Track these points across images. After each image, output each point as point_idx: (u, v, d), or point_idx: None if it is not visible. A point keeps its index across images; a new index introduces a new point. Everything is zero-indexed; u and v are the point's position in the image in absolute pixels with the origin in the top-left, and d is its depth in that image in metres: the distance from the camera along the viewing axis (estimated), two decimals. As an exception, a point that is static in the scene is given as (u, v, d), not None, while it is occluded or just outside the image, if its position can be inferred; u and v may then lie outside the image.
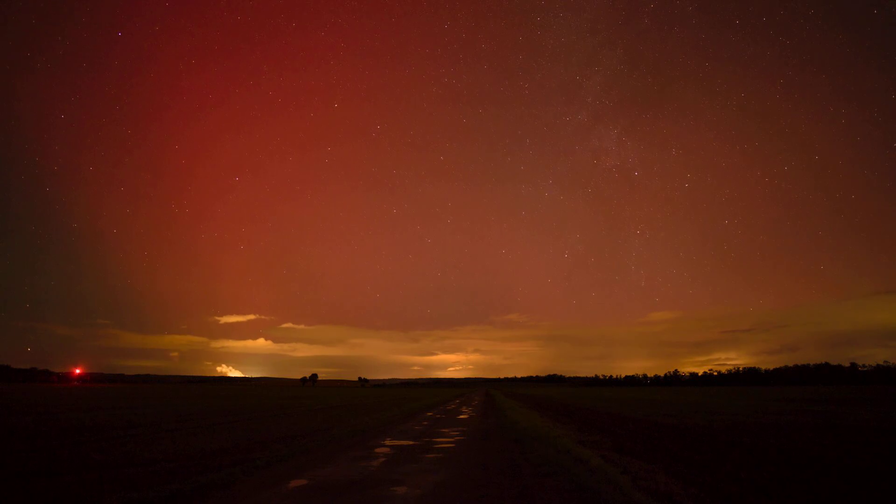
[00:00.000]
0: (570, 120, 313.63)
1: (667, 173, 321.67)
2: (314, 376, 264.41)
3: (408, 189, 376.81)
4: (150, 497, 6.26)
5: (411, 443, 12.11)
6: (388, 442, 12.28)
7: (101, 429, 14.97)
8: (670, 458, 9.57)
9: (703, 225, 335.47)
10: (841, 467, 8.67)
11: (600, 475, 7.62)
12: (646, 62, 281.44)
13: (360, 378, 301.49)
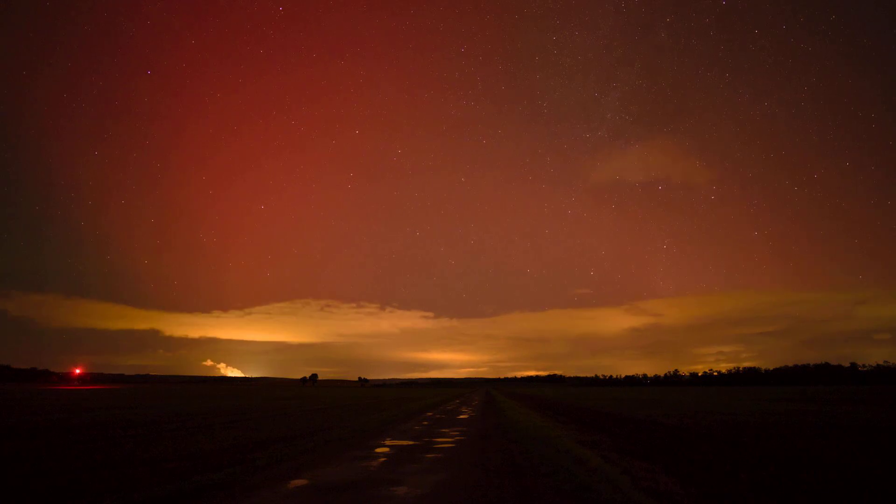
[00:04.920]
0: (590, 137, 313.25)
1: (691, 186, 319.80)
2: (314, 376, 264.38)
3: (430, 211, 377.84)
4: (150, 497, 6.25)
5: (411, 443, 12.11)
6: (388, 442, 12.27)
7: (100, 429, 14.96)
8: (670, 458, 9.56)
9: (732, 237, 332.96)
10: (841, 467, 8.66)
11: (600, 475, 7.62)
12: (664, 76, 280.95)
13: (360, 378, 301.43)
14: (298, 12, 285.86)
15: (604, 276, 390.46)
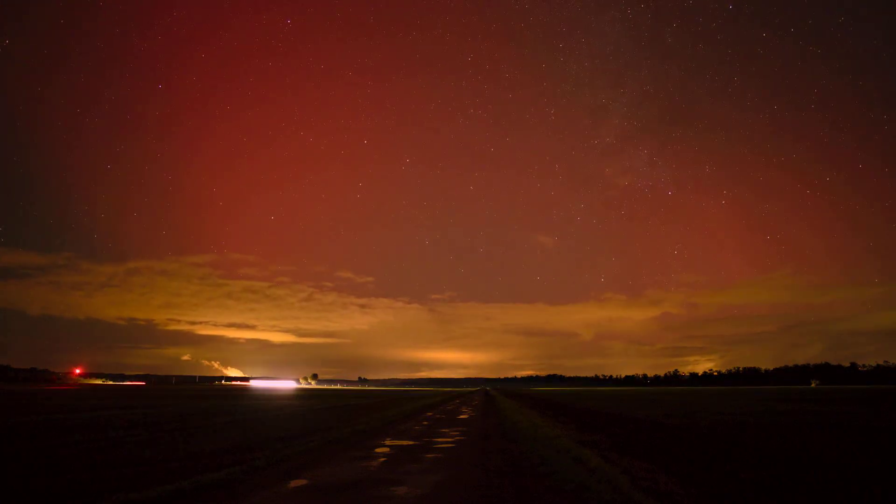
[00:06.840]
0: (598, 143, 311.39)
1: (701, 190, 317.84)
2: (314, 376, 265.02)
3: (439, 220, 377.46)
4: (150, 497, 6.25)
5: (411, 443, 12.11)
6: (388, 442, 12.28)
7: (101, 428, 14.96)
8: (670, 458, 9.56)
9: (743, 241, 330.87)
10: (841, 467, 8.67)
11: (600, 475, 7.62)
12: (672, 81, 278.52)
13: (360, 378, 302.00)
14: (306, 25, 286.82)
15: (613, 280, 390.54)
